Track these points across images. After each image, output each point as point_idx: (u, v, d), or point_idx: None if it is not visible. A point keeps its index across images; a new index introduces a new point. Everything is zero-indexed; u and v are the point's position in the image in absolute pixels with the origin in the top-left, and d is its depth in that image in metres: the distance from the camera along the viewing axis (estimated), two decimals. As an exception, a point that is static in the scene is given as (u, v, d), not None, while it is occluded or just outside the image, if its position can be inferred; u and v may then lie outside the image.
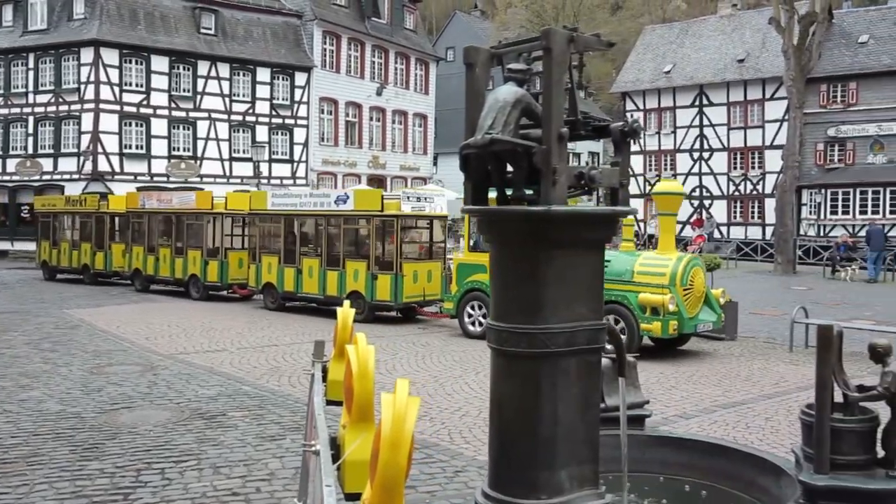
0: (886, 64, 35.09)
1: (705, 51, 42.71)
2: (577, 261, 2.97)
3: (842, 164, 35.80)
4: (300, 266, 17.13)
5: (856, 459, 3.33)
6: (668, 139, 42.94)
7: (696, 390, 10.02)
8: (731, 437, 7.63)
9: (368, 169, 40.14)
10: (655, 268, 12.02)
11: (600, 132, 3.15)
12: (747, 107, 40.11)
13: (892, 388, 3.28)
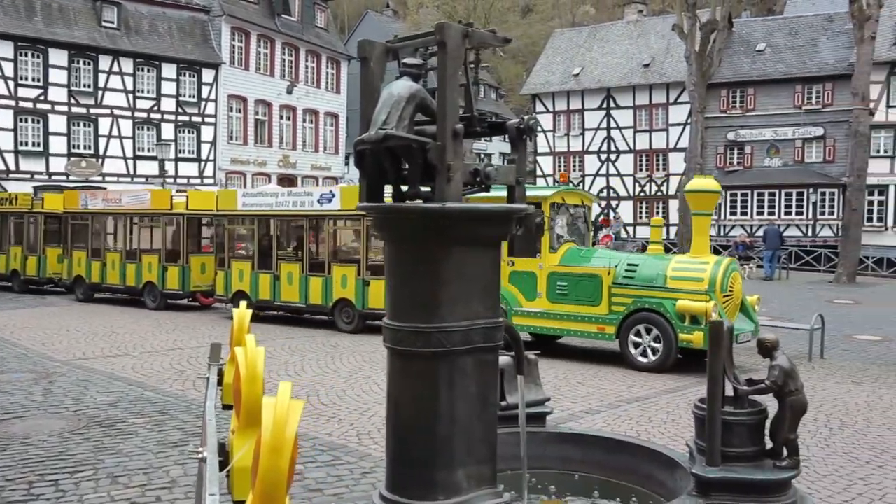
0: (782, 71, 36.77)
1: (612, 55, 43.82)
2: (473, 258, 2.94)
3: (741, 166, 37.31)
4: (277, 272, 15.56)
5: (746, 451, 3.41)
6: (577, 141, 43.84)
7: (601, 386, 10.21)
8: (635, 432, 7.79)
9: (279, 168, 39.46)
10: (692, 272, 11.12)
11: (496, 129, 3.13)
12: (652, 110, 41.36)
13: (779, 382, 3.38)
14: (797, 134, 36.12)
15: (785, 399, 3.40)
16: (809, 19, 38.41)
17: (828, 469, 6.83)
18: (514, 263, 12.42)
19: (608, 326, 11.49)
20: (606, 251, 14.33)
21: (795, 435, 3.41)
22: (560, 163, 44.38)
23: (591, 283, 11.62)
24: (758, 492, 3.33)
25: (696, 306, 10.70)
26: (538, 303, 12.12)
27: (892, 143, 33.69)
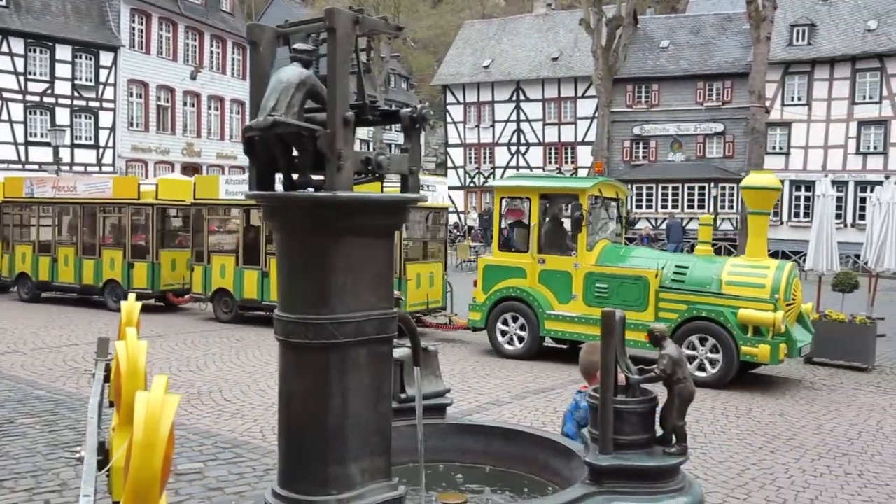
0: (684, 68, 38.02)
1: (522, 48, 44.37)
2: (365, 248, 2.89)
3: (646, 160, 38.45)
4: (266, 269, 14.18)
5: (637, 439, 3.47)
6: (487, 133, 44.25)
7: (509, 377, 10.34)
8: (541, 423, 7.92)
9: (182, 156, 38.29)
10: (751, 278, 10.16)
11: (389, 118, 3.08)
12: (561, 103, 42.12)
13: (668, 371, 3.45)
14: (699, 130, 37.48)
15: (674, 387, 3.47)
16: (710, 18, 39.83)
17: (723, 455, 7.11)
18: (546, 262, 11.42)
19: None
20: (647, 250, 13.34)
21: (684, 422, 3.49)
22: (470, 154, 44.72)
23: (635, 286, 10.59)
24: (648, 478, 3.40)
25: (762, 316, 9.65)
26: (573, 306, 11.11)
27: (787, 141, 35.39)
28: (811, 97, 34.91)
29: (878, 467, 6.94)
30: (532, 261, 11.45)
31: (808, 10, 35.78)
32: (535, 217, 11.49)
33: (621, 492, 3.31)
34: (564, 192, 11.86)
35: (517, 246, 12.00)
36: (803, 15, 35.51)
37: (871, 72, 33.71)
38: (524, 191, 11.94)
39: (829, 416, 8.78)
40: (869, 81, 33.86)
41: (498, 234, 12.12)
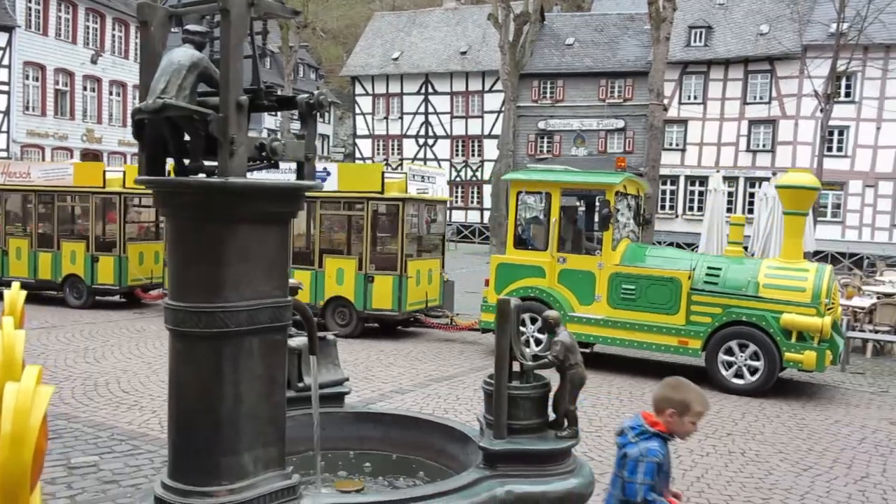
0: (588, 66, 38.93)
1: (431, 41, 44.48)
2: (259, 236, 2.85)
3: (550, 154, 39.21)
4: None
5: (530, 423, 3.56)
6: (396, 124, 44.22)
7: (412, 366, 10.39)
8: (443, 410, 8.00)
9: (82, 143, 36.60)
10: (790, 280, 9.71)
11: (286, 104, 3.05)
12: (468, 97, 42.47)
13: (561, 357, 3.56)
14: (601, 125, 38.51)
15: (566, 373, 3.58)
16: (613, 18, 40.91)
17: (615, 438, 7.35)
18: (566, 261, 10.77)
19: (692, 340, 9.86)
20: (673, 250, 12.65)
21: (575, 406, 3.61)
22: (379, 145, 44.61)
23: (666, 288, 10.03)
24: (540, 461, 3.49)
25: (809, 322, 9.23)
26: (596, 308, 10.49)
27: (683, 137, 36.78)
28: (706, 96, 36.38)
29: (759, 445, 7.33)
30: (551, 260, 10.75)
31: (706, 13, 37.23)
32: (555, 213, 10.76)
33: (514, 475, 3.39)
34: (591, 187, 11.08)
35: (534, 244, 11.27)
36: (701, 17, 36.93)
37: (762, 74, 35.39)
38: (544, 185, 11.08)
39: (716, 399, 9.19)
40: (760, 83, 35.54)
41: (513, 231, 11.32)
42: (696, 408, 3.26)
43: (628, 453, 3.23)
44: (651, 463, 3.16)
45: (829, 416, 8.61)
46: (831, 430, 8.07)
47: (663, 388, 3.37)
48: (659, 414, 3.29)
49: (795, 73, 34.05)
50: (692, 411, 3.25)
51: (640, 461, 3.16)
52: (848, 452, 7.29)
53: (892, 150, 33.19)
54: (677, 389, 3.30)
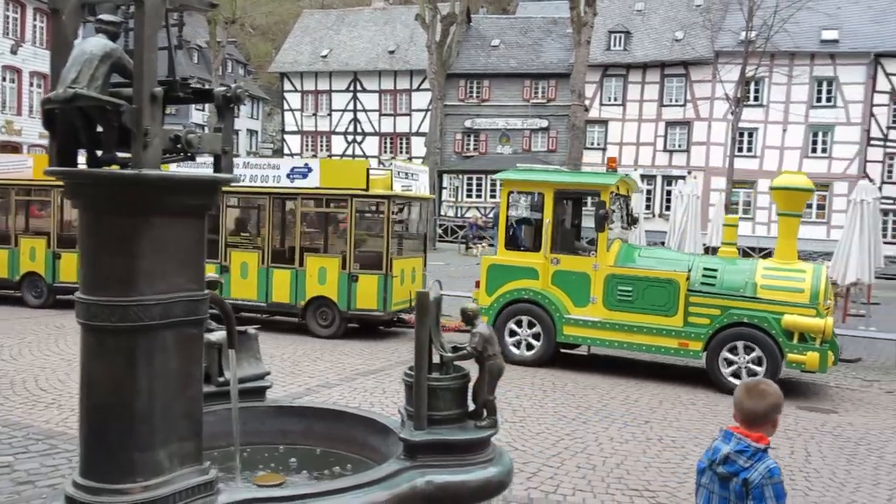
0: (513, 67, 39.45)
1: (360, 40, 44.33)
2: (174, 229, 2.82)
3: (476, 152, 39.61)
4: (226, 262, 12.74)
5: (450, 414, 3.60)
6: (325, 121, 43.91)
7: (339, 360, 10.36)
8: (369, 403, 8.02)
9: (1, 135, 35.05)
10: (788, 281, 9.70)
11: (202, 96, 3.02)
12: (397, 95, 42.51)
13: (479, 348, 3.62)
14: (525, 125, 39.10)
15: (484, 364, 3.65)
16: (538, 21, 41.58)
17: (540, 427, 7.50)
18: (560, 262, 10.50)
19: (693, 342, 9.73)
20: (665, 251, 12.31)
21: (494, 396, 3.68)
22: (307, 142, 44.24)
23: (664, 290, 9.89)
24: (460, 451, 3.53)
25: (811, 323, 9.16)
26: (591, 309, 10.27)
27: (604, 137, 37.67)
28: (626, 98, 37.37)
29: (676, 432, 7.60)
30: (545, 261, 10.50)
31: (625, 19, 38.25)
32: (549, 213, 10.53)
33: (434, 465, 3.43)
34: (586, 187, 11.13)
35: (526, 244, 11.02)
36: (620, 23, 37.90)
37: (678, 77, 36.58)
38: (538, 185, 10.87)
39: (635, 388, 9.50)
40: (675, 86, 36.73)
41: (504, 232, 11.00)
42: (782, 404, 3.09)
43: (749, 479, 2.88)
44: (779, 484, 2.88)
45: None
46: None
47: (759, 396, 3.03)
48: (761, 426, 3.01)
49: (708, 77, 35.34)
50: (781, 410, 3.10)
51: (766, 485, 2.86)
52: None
53: (797, 150, 34.84)
54: (770, 393, 3.05)
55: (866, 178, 16.18)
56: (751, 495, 2.87)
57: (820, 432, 7.94)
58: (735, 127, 31.21)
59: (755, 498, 2.86)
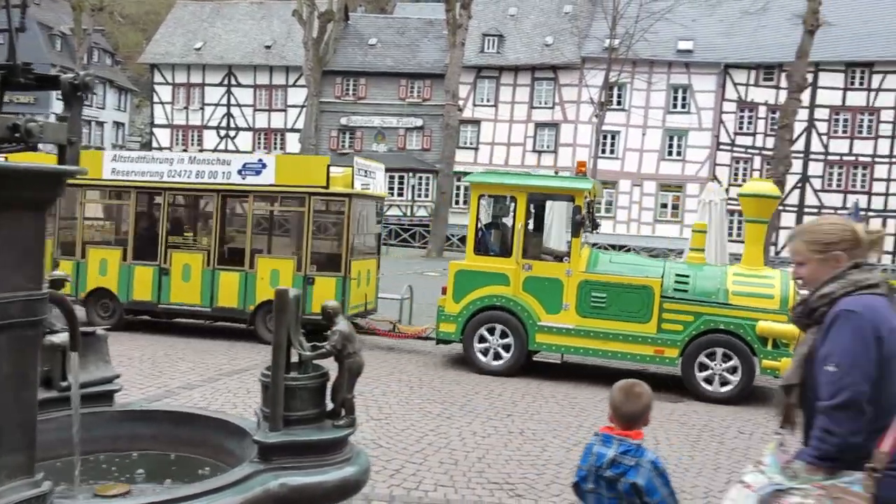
0: (389, 66, 39.52)
1: (235, 33, 43.20)
2: (10, 223, 2.65)
3: (352, 150, 39.38)
4: (166, 264, 11.90)
5: (307, 414, 3.55)
6: (196, 115, 42.51)
7: (202, 361, 10.04)
8: (232, 404, 7.81)
9: None
10: (758, 287, 9.70)
11: (47, 83, 2.86)
12: (272, 91, 41.69)
13: (339, 346, 3.60)
14: (400, 123, 39.30)
15: (344, 362, 3.62)
16: (414, 21, 41.88)
17: (405, 424, 7.54)
18: (532, 268, 10.20)
19: (669, 349, 9.64)
20: (635, 256, 12.08)
21: (353, 395, 3.66)
22: (178, 136, 42.67)
23: (637, 296, 9.76)
24: (316, 451, 3.48)
25: (784, 329, 9.12)
26: (564, 316, 10.00)
27: (477, 137, 38.39)
28: (498, 99, 38.27)
29: (536, 425, 7.83)
30: (516, 266, 10.20)
31: (498, 23, 39.13)
32: (521, 218, 10.29)
33: (289, 467, 3.36)
34: (560, 192, 10.68)
35: (496, 250, 10.66)
36: (494, 26, 38.74)
37: (547, 81, 37.82)
38: (509, 189, 10.58)
39: (499, 382, 9.71)
40: (545, 89, 37.95)
41: (474, 237, 10.60)
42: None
43: (637, 482, 3.03)
44: (664, 472, 3.06)
45: (596, 394, 9.32)
46: (599, 407, 8.72)
47: (636, 398, 3.21)
48: (638, 424, 3.19)
49: (575, 81, 36.77)
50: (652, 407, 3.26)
51: (654, 477, 3.03)
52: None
53: (655, 153, 36.84)
54: (644, 393, 3.22)
55: (715, 180, 17.17)
56: (645, 493, 3.03)
57: (668, 420, 8.38)
58: (599, 129, 32.60)
59: (649, 493, 3.03)
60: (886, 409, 2.65)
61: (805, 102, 30.04)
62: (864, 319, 2.68)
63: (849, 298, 2.75)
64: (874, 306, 2.72)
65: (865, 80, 34.80)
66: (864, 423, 2.63)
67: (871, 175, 34.98)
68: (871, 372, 2.64)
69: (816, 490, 2.61)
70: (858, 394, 2.62)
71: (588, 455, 3.20)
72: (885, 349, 2.65)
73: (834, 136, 35.41)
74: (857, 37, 34.51)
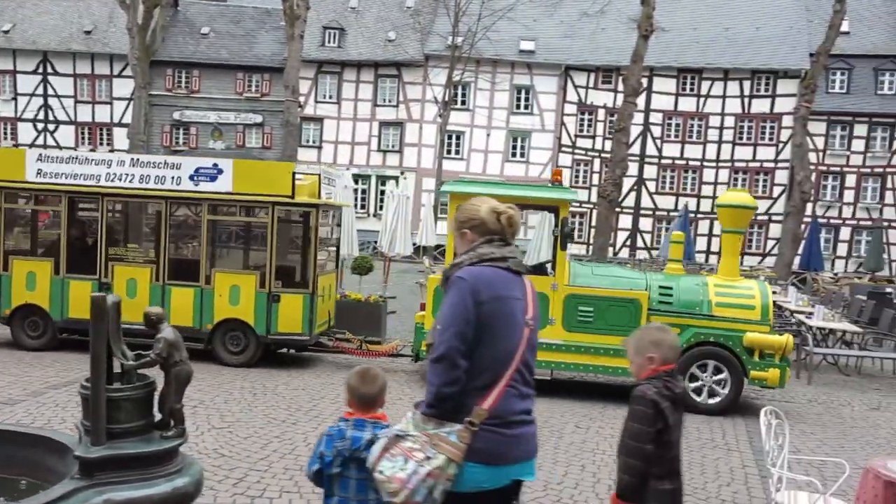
0: (224, 57, 38.18)
1: (50, 15, 40.13)
2: None
3: (186, 146, 37.80)
4: (107, 279, 10.71)
5: (132, 426, 3.40)
6: (8, 106, 39.26)
7: (28, 373, 9.38)
8: (60, 419, 7.36)
9: None
10: (740, 299, 9.70)
11: None
12: (95, 81, 39.18)
13: (164, 354, 3.46)
14: (239, 119, 38.13)
15: (171, 370, 3.49)
16: (250, 11, 40.68)
17: (249, 431, 7.35)
18: None
19: None
20: (616, 268, 11.64)
21: (181, 404, 3.53)
22: (-16, 129, 39.24)
23: (625, 309, 9.59)
24: (143, 465, 3.36)
25: (772, 340, 9.34)
26: (551, 332, 9.64)
27: (319, 135, 37.93)
28: (341, 96, 37.95)
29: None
30: None
31: (339, 15, 38.71)
32: None
33: (114, 482, 3.21)
34: (544, 203, 10.34)
35: None
36: (334, 19, 38.31)
37: (391, 78, 37.89)
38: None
39: (226, 373, 9.73)
40: (389, 86, 38.01)
41: (453, 249, 9.77)
42: None
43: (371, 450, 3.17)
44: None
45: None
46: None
47: (373, 381, 3.43)
48: (376, 406, 3.46)
49: (419, 79, 37.05)
50: None
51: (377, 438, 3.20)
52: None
53: (499, 154, 37.75)
54: (380, 376, 3.48)
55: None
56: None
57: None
58: (443, 129, 33.03)
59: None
60: (481, 369, 2.92)
61: (641, 106, 31.75)
62: (468, 285, 2.96)
63: (467, 267, 3.04)
64: (484, 275, 3.00)
65: (695, 86, 36.81)
66: (460, 378, 2.90)
67: (701, 178, 36.96)
68: (465, 331, 2.91)
69: (423, 438, 2.90)
70: (450, 349, 2.88)
71: (334, 440, 3.36)
72: (483, 314, 2.92)
73: (667, 141, 37.18)
74: (687, 43, 36.61)
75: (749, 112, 36.38)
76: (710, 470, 7.23)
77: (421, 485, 2.84)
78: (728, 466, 7.38)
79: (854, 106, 35.29)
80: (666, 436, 3.36)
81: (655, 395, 3.34)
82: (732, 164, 36.62)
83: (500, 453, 2.91)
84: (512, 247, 3.14)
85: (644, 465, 3.33)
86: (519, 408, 2.99)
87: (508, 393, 2.94)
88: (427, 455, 2.87)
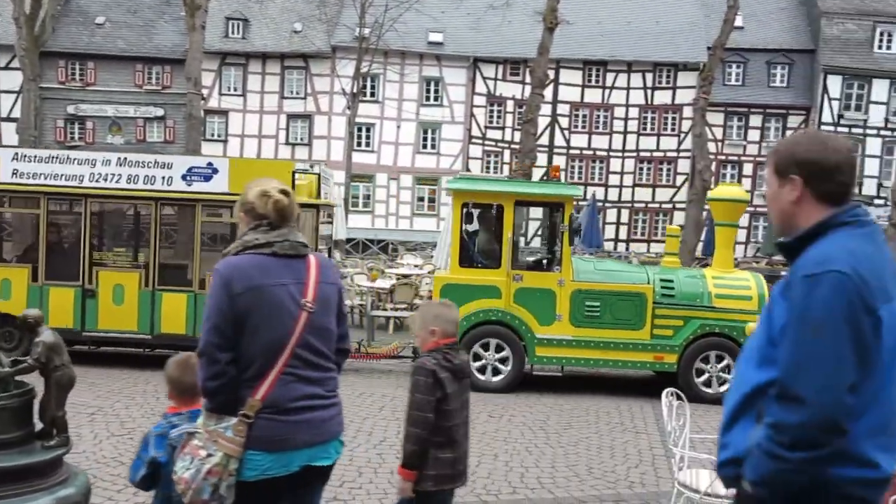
0: (122, 48, 36.68)
1: (-75, 2, 37.64)
2: None
3: (83, 141, 36.18)
4: (92, 285, 10.14)
5: (11, 437, 3.21)
6: None
7: None
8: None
9: None
10: (736, 290, 9.89)
11: None
12: (-21, 74, 37.01)
13: (43, 359, 3.24)
14: (139, 113, 36.71)
15: (51, 376, 3.28)
16: (148, 0, 39.14)
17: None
18: (523, 278, 9.78)
19: (668, 355, 9.70)
20: (615, 262, 11.57)
21: (64, 411, 3.33)
22: None
23: (631, 303, 9.74)
24: (24, 477, 3.18)
25: None
26: (558, 327, 9.73)
27: (224, 128, 36.93)
28: (246, 89, 37.05)
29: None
30: (507, 278, 9.78)
31: (242, 6, 37.70)
32: (509, 226, 9.89)
33: (-11, 498, 3.00)
34: (550, 199, 10.32)
35: (483, 261, 10.14)
36: (237, 9, 37.31)
37: (298, 70, 37.23)
38: (497, 196, 10.13)
39: None
40: (296, 78, 37.34)
41: (458, 248, 10.00)
42: None
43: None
44: None
45: (354, 390, 9.33)
46: (356, 402, 8.77)
47: (192, 370, 3.24)
48: (197, 397, 3.25)
49: (327, 71, 36.52)
50: None
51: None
52: (370, 421, 8.04)
53: (410, 146, 37.65)
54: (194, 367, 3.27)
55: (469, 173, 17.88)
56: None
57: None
58: (352, 122, 32.64)
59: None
60: (250, 360, 2.85)
61: (548, 98, 32.19)
62: (221, 278, 2.88)
63: (227, 258, 2.95)
64: (240, 265, 2.90)
65: (601, 78, 37.48)
66: (223, 372, 2.84)
67: (608, 168, 37.71)
68: (221, 325, 2.84)
69: (206, 434, 2.88)
70: (207, 343, 2.84)
71: (165, 439, 3.26)
72: (239, 305, 2.83)
73: (575, 131, 37.77)
74: (592, 36, 37.18)
75: (652, 103, 37.40)
76: (619, 452, 7.37)
77: (204, 483, 2.80)
78: (636, 449, 7.54)
79: (749, 97, 36.77)
80: (445, 404, 3.58)
81: (435, 365, 3.56)
82: (637, 153, 37.59)
83: (282, 440, 2.85)
84: (283, 230, 2.97)
85: (426, 434, 3.53)
86: (301, 393, 2.90)
87: (284, 380, 2.86)
88: (209, 452, 2.83)
